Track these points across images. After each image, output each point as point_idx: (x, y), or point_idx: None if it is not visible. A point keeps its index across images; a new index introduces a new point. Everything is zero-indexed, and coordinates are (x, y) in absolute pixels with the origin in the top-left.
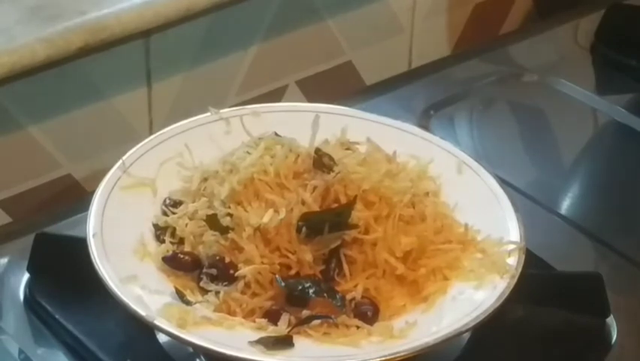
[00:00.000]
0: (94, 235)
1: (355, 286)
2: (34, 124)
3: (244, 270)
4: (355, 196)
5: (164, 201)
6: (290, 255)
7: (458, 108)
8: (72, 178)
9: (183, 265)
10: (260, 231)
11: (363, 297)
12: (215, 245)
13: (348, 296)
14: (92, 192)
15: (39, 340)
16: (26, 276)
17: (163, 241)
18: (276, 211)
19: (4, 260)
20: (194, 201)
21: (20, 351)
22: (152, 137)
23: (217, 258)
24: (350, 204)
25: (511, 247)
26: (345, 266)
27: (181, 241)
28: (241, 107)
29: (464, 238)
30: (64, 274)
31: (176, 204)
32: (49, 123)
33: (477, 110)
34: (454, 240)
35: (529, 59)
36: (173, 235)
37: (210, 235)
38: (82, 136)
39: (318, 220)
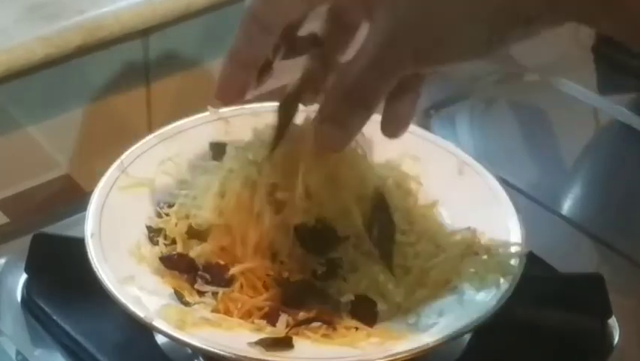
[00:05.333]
0: (92, 236)
1: (354, 286)
2: (31, 123)
3: (237, 268)
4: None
5: (159, 202)
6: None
7: (459, 108)
8: (70, 178)
9: (179, 265)
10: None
11: (362, 298)
12: (204, 255)
13: (347, 297)
14: (90, 192)
15: (36, 341)
16: (24, 276)
17: (157, 243)
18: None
19: (2, 261)
20: None
21: (18, 352)
22: (150, 136)
23: (210, 262)
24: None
25: (513, 248)
26: (344, 267)
27: (174, 242)
28: (241, 107)
29: (465, 239)
30: (62, 275)
31: (171, 205)
32: (47, 123)
33: (478, 110)
34: (454, 240)
35: (530, 58)
36: (166, 236)
37: (195, 244)
38: (80, 135)
39: (312, 237)
